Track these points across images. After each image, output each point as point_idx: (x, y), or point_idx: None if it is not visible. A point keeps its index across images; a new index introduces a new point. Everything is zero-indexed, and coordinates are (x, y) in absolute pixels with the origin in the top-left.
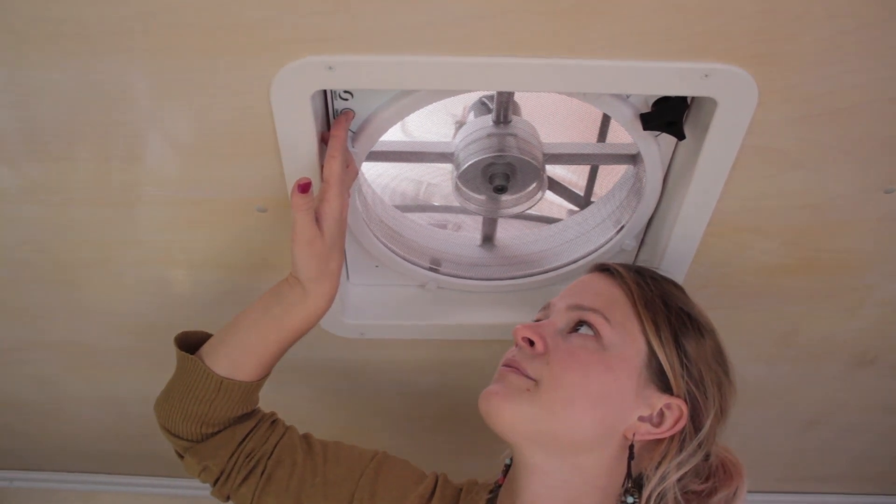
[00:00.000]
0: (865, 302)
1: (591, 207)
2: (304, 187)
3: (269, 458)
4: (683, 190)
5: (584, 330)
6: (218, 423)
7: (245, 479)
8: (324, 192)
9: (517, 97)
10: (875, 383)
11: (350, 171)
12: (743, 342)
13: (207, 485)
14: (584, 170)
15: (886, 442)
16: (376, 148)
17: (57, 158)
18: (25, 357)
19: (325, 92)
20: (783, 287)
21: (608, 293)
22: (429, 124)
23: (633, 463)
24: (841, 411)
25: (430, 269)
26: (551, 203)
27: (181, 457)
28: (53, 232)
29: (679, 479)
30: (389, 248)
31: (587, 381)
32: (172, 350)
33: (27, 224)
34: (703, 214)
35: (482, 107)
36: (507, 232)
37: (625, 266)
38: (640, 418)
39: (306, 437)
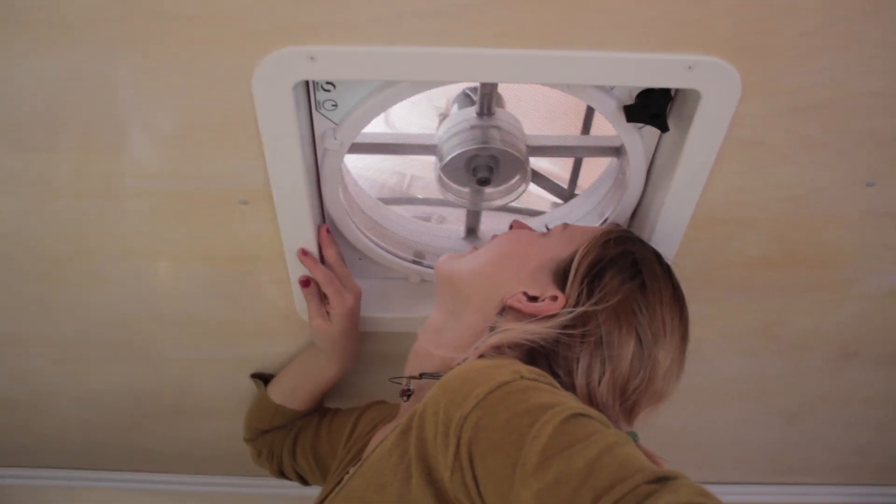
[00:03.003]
0: (848, 295)
1: (574, 200)
2: (304, 283)
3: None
4: (667, 182)
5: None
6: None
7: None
8: (329, 296)
9: (501, 89)
10: (857, 376)
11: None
12: (726, 335)
13: (192, 480)
14: (568, 162)
15: (868, 433)
16: (359, 140)
17: (37, 150)
18: (5, 351)
19: (307, 83)
20: (767, 280)
21: (592, 228)
22: (412, 116)
23: (497, 320)
24: (824, 404)
25: (414, 262)
26: (535, 196)
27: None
28: (33, 225)
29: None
30: (373, 241)
31: (506, 242)
32: (156, 342)
33: (6, 217)
34: (686, 207)
35: (466, 99)
36: (490, 224)
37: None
38: (524, 293)
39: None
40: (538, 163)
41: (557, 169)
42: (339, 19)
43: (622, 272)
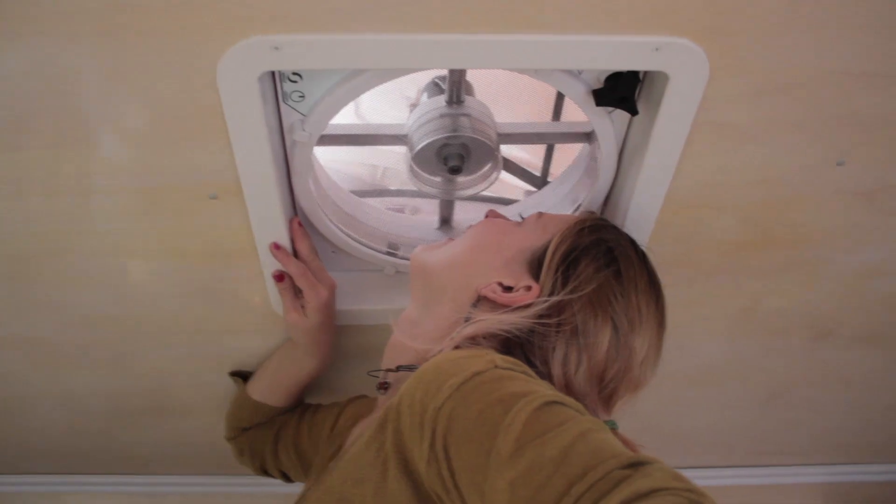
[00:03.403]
0: (821, 275)
1: (547, 187)
2: (278, 278)
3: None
4: (638, 166)
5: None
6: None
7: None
8: (304, 289)
9: (470, 77)
10: (831, 356)
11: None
12: (702, 318)
13: (173, 480)
14: (540, 150)
15: (844, 414)
16: (329, 131)
17: (4, 148)
18: None
19: (273, 75)
20: (740, 262)
21: (566, 217)
22: (383, 107)
23: (472, 311)
24: (800, 385)
25: (388, 254)
26: (508, 184)
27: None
28: (4, 224)
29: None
30: (346, 233)
31: (480, 231)
32: (132, 341)
33: None
34: (658, 191)
35: (435, 87)
36: (464, 214)
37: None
38: (498, 283)
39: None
40: (510, 151)
41: (529, 157)
42: (302, 8)
43: (597, 260)
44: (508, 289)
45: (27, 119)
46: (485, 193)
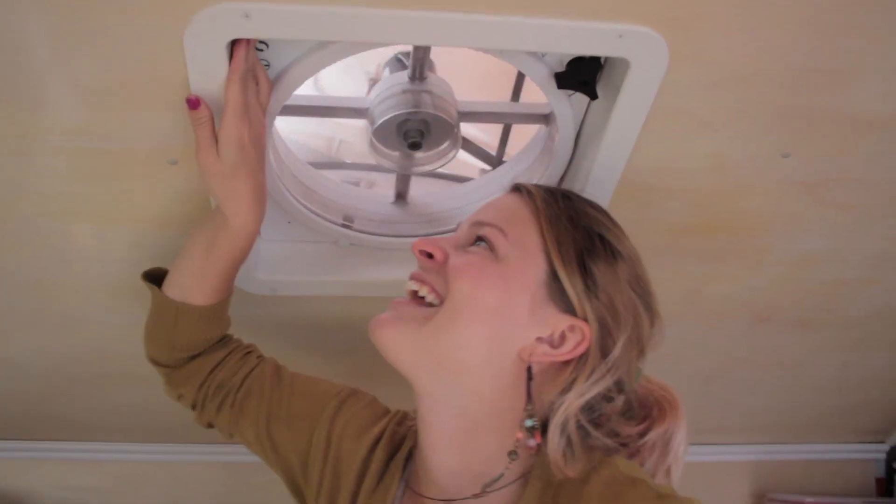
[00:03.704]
0: (764, 262)
1: (503, 166)
2: (192, 103)
3: (238, 390)
4: (595, 149)
5: (481, 244)
6: (187, 347)
7: (218, 409)
8: (222, 118)
9: (433, 55)
10: (770, 340)
11: (262, 91)
12: None
13: (114, 447)
14: (496, 129)
15: (778, 394)
16: (290, 102)
17: None
18: None
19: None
20: (687, 246)
21: (512, 210)
22: (343, 81)
23: (535, 387)
24: (738, 366)
25: (343, 226)
26: (463, 162)
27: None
28: None
29: (590, 409)
30: (302, 204)
31: (478, 290)
32: (78, 307)
33: None
34: (613, 174)
35: (398, 63)
36: (420, 189)
37: (538, 186)
38: (539, 339)
39: (278, 370)
40: (467, 129)
41: (485, 136)
42: None
43: (602, 256)
44: (547, 339)
45: None
46: (441, 171)
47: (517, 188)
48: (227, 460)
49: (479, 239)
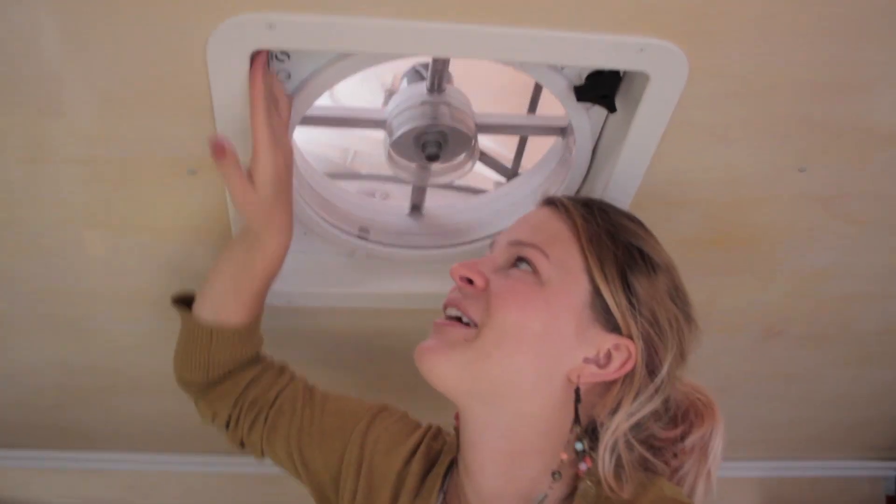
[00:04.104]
0: (776, 276)
1: (519, 178)
2: (218, 151)
3: (271, 406)
4: (612, 162)
5: (523, 266)
6: (221, 366)
7: (251, 426)
8: (254, 152)
9: (451, 66)
10: (780, 353)
11: (282, 112)
12: None
13: (124, 457)
14: (511, 141)
15: (788, 409)
16: (309, 112)
17: None
18: None
19: None
20: (701, 259)
21: (551, 227)
22: (359, 91)
23: (581, 407)
24: (748, 381)
25: (359, 237)
26: (479, 174)
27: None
28: None
29: (637, 426)
30: (319, 215)
31: (524, 318)
32: (92, 316)
33: None
34: (630, 186)
35: (416, 75)
36: (435, 201)
37: (573, 198)
38: (586, 360)
39: (310, 388)
40: (482, 141)
41: (500, 148)
42: None
43: (643, 270)
44: (594, 359)
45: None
46: (456, 183)
47: (551, 202)
48: (237, 471)
49: (520, 259)
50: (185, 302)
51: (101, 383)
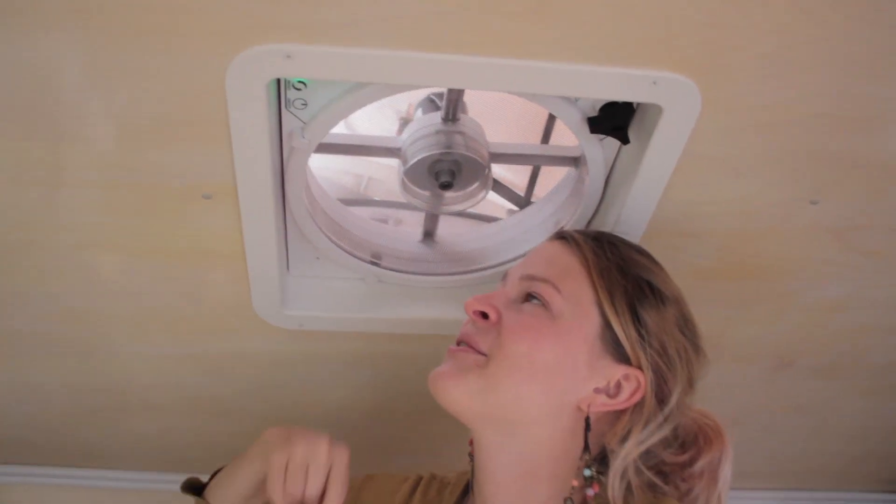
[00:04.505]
0: (788, 308)
1: (531, 207)
2: None
3: None
4: (625, 193)
5: (535, 301)
6: None
7: None
8: None
9: (465, 96)
10: (793, 385)
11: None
12: None
13: (134, 476)
14: (524, 170)
15: (800, 440)
16: (325, 140)
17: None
18: None
19: (278, 81)
20: (712, 291)
21: (562, 262)
22: (375, 118)
23: (591, 435)
24: (760, 412)
25: (371, 263)
26: (491, 202)
27: None
28: None
29: (646, 453)
30: (332, 241)
31: (536, 351)
32: (105, 337)
33: None
34: (642, 218)
35: (430, 104)
36: (447, 229)
37: (583, 233)
38: (596, 390)
39: None
40: (495, 170)
41: (513, 176)
42: (317, 19)
43: (653, 303)
44: (604, 389)
45: (9, 108)
46: (469, 210)
47: (562, 236)
48: None
49: (532, 294)
50: (192, 487)
51: (113, 403)
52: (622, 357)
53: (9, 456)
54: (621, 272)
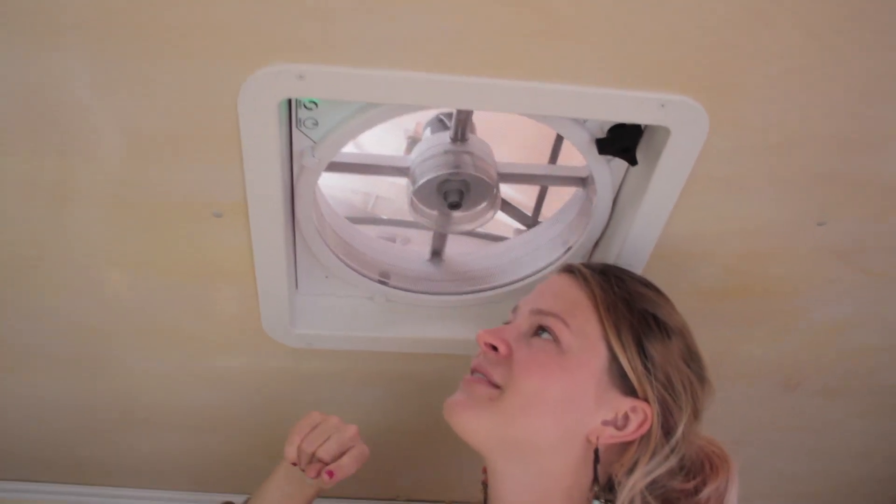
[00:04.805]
0: (794, 327)
1: (539, 227)
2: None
3: None
4: (632, 213)
5: (545, 335)
6: None
7: None
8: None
9: (474, 116)
10: (799, 405)
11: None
12: None
13: (143, 494)
14: (531, 190)
15: (807, 461)
16: (335, 159)
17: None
18: None
19: (289, 101)
20: (719, 310)
21: (570, 296)
22: (381, 138)
23: (600, 466)
24: (765, 431)
25: (380, 282)
26: (499, 222)
27: None
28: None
29: (653, 483)
30: (341, 259)
31: (546, 386)
32: (115, 353)
33: None
34: (650, 238)
35: (439, 123)
36: (455, 248)
37: (590, 266)
38: (604, 422)
39: None
40: (503, 189)
41: (521, 196)
42: (329, 39)
43: (658, 337)
44: (612, 421)
45: (18, 124)
46: (477, 230)
47: (570, 269)
48: None
49: (541, 328)
50: None
51: (120, 419)
52: (629, 390)
53: (14, 472)
54: (627, 306)
